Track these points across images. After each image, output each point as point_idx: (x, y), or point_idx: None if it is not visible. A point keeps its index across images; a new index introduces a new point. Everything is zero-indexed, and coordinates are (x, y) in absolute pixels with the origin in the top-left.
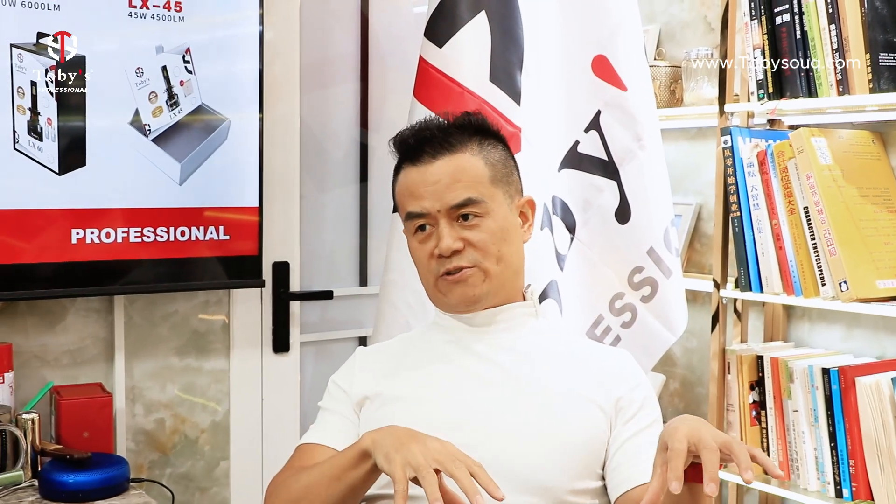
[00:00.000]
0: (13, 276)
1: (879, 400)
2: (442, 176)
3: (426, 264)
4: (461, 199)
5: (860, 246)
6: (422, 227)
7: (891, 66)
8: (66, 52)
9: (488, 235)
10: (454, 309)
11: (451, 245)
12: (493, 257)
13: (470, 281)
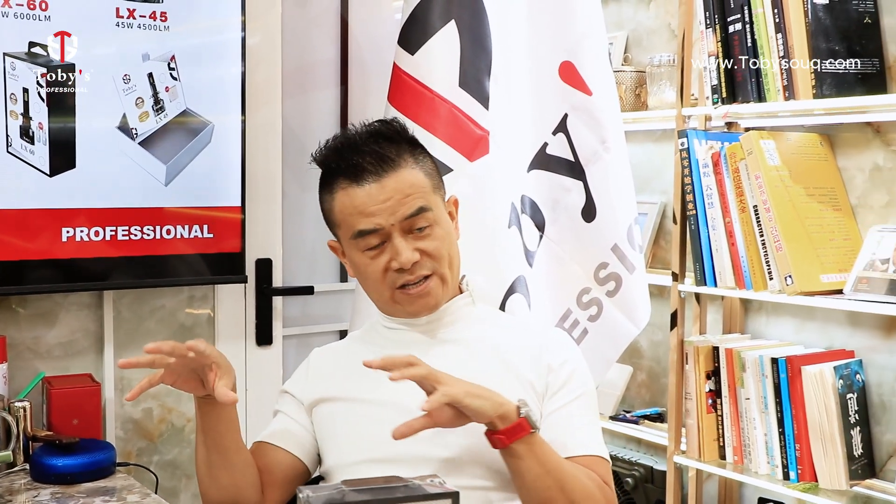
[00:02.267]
0: (7, 272)
1: (823, 387)
2: (392, 192)
3: (381, 278)
4: (414, 210)
5: (805, 242)
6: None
7: (833, 72)
8: (56, 60)
9: (440, 242)
10: (411, 316)
11: (410, 258)
12: (447, 263)
13: (432, 291)
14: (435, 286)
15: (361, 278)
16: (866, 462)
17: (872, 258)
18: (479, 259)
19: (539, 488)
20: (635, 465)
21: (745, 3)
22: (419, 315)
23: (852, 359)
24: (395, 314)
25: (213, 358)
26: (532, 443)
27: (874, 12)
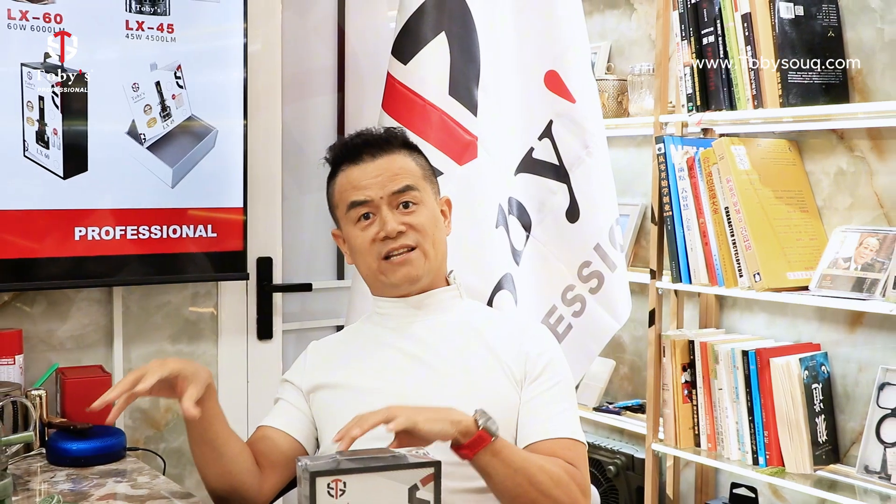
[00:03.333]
0: (23, 268)
1: (789, 378)
2: (383, 170)
3: (368, 249)
4: (402, 186)
5: (773, 241)
6: (364, 215)
7: (798, 83)
8: (70, 69)
9: (426, 220)
10: (395, 290)
11: (395, 227)
12: (430, 240)
13: (413, 262)
14: (416, 257)
15: (355, 255)
16: (830, 448)
17: (836, 257)
18: (468, 257)
19: (510, 486)
20: (617, 454)
21: (717, 16)
22: (401, 288)
23: (818, 351)
24: (381, 289)
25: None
26: (495, 450)
27: (837, 26)
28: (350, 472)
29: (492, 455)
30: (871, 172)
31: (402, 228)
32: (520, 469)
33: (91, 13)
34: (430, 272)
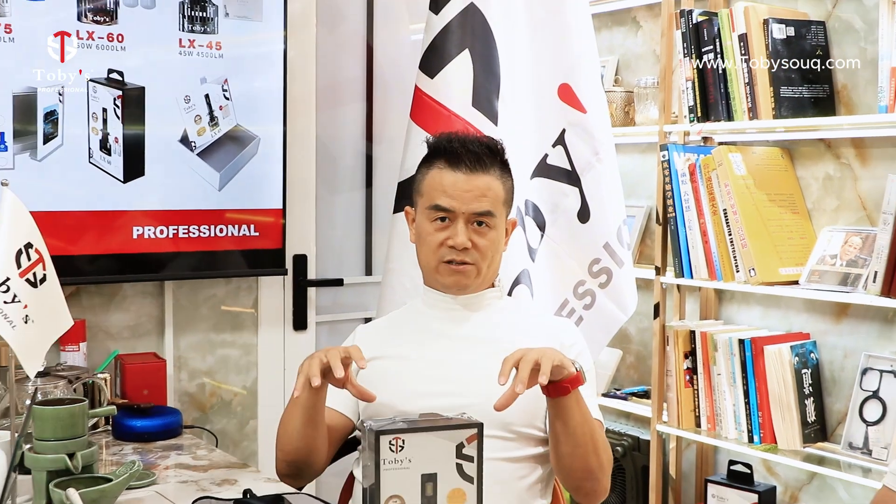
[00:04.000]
0: (85, 264)
1: (781, 364)
2: (474, 188)
3: (435, 248)
4: (484, 210)
5: (767, 240)
6: (442, 218)
7: (790, 97)
8: (130, 83)
9: (490, 243)
10: (445, 289)
11: (465, 242)
12: (488, 261)
13: (467, 274)
14: (471, 272)
15: (420, 243)
16: (819, 427)
17: (824, 254)
18: None
19: (578, 433)
20: (624, 436)
21: (716, 36)
22: (450, 289)
23: (807, 340)
24: (434, 283)
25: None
26: (579, 396)
27: (825, 45)
28: (407, 431)
29: (577, 397)
30: (856, 178)
31: (469, 245)
32: (589, 421)
33: (149, 32)
34: (480, 285)
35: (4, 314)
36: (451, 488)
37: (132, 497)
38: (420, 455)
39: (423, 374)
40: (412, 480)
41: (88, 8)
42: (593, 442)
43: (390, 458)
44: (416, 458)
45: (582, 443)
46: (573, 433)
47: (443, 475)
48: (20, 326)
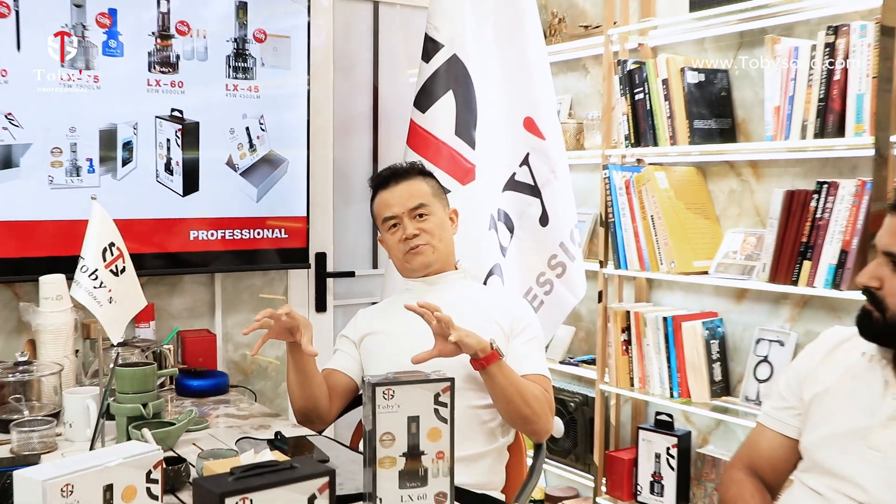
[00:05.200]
0: (156, 260)
1: (695, 336)
2: (403, 192)
3: (397, 247)
4: (416, 204)
5: (684, 239)
6: (393, 224)
7: (701, 128)
8: (187, 119)
9: (433, 225)
10: (415, 273)
11: (412, 231)
12: (437, 238)
13: (425, 252)
14: (426, 250)
15: (389, 251)
16: (723, 385)
17: (728, 250)
18: (469, 250)
19: (506, 393)
20: (576, 394)
21: (645, 80)
22: (418, 271)
23: (716, 317)
24: (410, 274)
25: (297, 320)
26: (500, 365)
27: (728, 88)
28: (396, 383)
29: (498, 369)
30: (752, 191)
31: (417, 232)
32: (513, 382)
33: (202, 80)
34: (439, 260)
35: (94, 296)
36: (430, 427)
37: (191, 437)
38: (406, 402)
39: (407, 344)
40: (400, 421)
41: (156, 61)
42: (522, 397)
43: (383, 405)
44: (403, 404)
45: (511, 399)
46: (501, 394)
47: (424, 417)
48: (105, 306)
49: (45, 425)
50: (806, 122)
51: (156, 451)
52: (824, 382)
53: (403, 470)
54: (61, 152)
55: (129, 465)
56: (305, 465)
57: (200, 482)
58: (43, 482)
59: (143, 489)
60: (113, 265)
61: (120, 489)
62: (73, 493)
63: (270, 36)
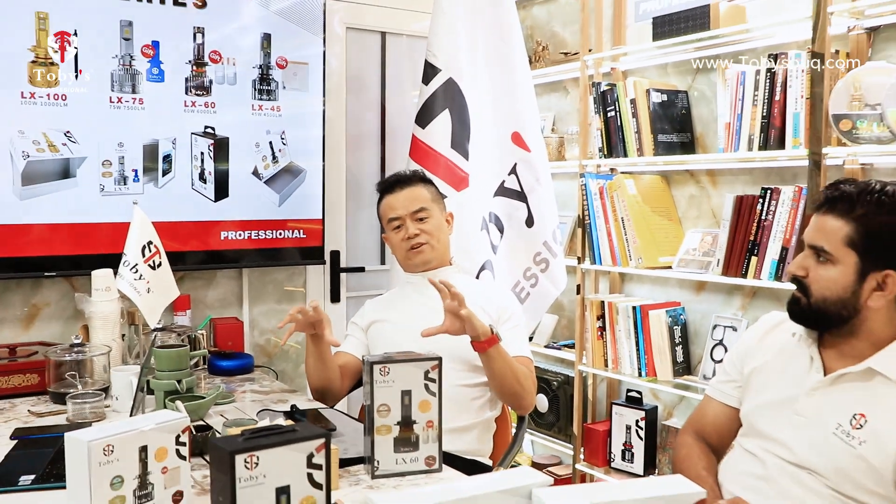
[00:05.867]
0: (192, 257)
1: (660, 323)
2: (407, 197)
3: (400, 244)
4: (417, 207)
5: (650, 238)
6: (397, 226)
7: (665, 141)
8: (219, 135)
9: (432, 227)
10: (416, 268)
11: (414, 231)
12: (435, 238)
13: (424, 251)
14: (426, 249)
15: (392, 247)
16: (685, 365)
17: (688, 248)
18: (463, 249)
19: (503, 373)
20: (559, 374)
21: (616, 100)
22: (419, 267)
23: (678, 306)
24: (408, 268)
25: (321, 315)
26: (499, 348)
27: (688, 107)
28: (391, 362)
29: (497, 351)
30: (709, 196)
31: (418, 232)
32: (508, 363)
33: (232, 100)
34: (436, 258)
35: (135, 287)
36: (421, 399)
37: (219, 409)
38: (400, 378)
39: (408, 330)
40: (395, 394)
41: (192, 86)
42: (514, 376)
43: (380, 380)
44: (397, 380)
45: (506, 378)
46: (497, 373)
47: (415, 391)
48: (144, 295)
49: (95, 398)
50: (752, 136)
51: (184, 418)
52: (761, 359)
53: (398, 437)
54: (111, 164)
55: (161, 429)
56: (305, 429)
57: (215, 441)
58: (88, 442)
59: (173, 450)
60: (151, 260)
61: (153, 450)
62: (114, 452)
63: (291, 63)
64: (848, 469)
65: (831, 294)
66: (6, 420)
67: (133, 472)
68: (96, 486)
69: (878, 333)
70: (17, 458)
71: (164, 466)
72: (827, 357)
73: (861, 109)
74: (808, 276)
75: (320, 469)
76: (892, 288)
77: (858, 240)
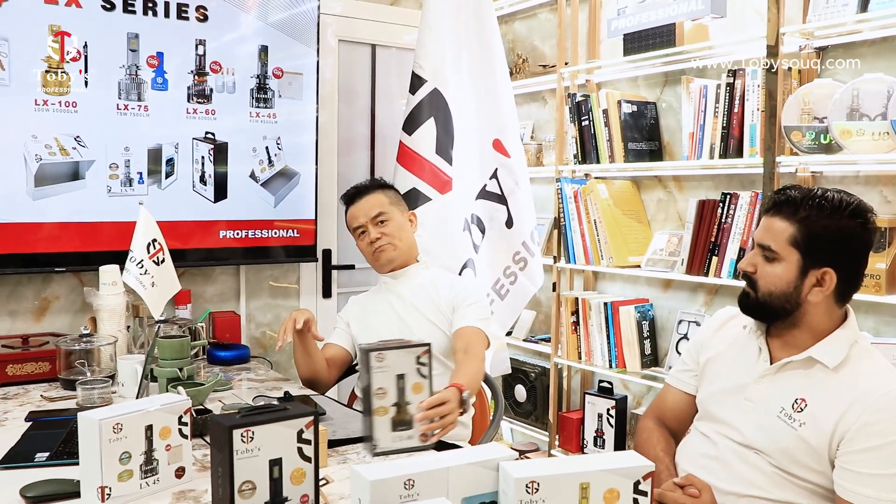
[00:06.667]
0: (193, 255)
1: (629, 318)
2: (365, 205)
3: (367, 249)
4: (376, 213)
5: (621, 239)
6: (361, 232)
7: (634, 149)
8: (218, 140)
9: (392, 228)
10: (384, 268)
11: (375, 235)
12: (397, 238)
13: (386, 250)
14: (388, 248)
15: (363, 253)
16: (652, 357)
17: (656, 248)
18: (447, 248)
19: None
20: (536, 366)
21: (590, 110)
22: (385, 266)
23: (647, 303)
24: (379, 269)
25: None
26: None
27: (656, 117)
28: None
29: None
30: (675, 200)
31: (379, 235)
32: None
33: (231, 107)
34: (401, 255)
35: (140, 281)
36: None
37: (218, 395)
38: (394, 363)
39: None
40: (390, 378)
41: (194, 94)
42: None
43: (376, 366)
44: (391, 366)
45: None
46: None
47: (409, 375)
48: (149, 288)
49: (103, 384)
50: (713, 145)
51: (185, 401)
52: (715, 350)
53: (394, 417)
54: (117, 167)
55: (165, 410)
56: (296, 408)
57: (214, 418)
58: (100, 421)
59: (176, 429)
60: (155, 256)
61: (158, 428)
62: (122, 430)
63: (286, 73)
64: (790, 448)
65: (776, 289)
66: (20, 404)
67: (140, 448)
68: (107, 461)
69: (818, 326)
70: (32, 437)
71: (168, 444)
72: (773, 347)
73: (810, 122)
74: (756, 272)
75: (309, 444)
76: (829, 284)
77: (801, 240)
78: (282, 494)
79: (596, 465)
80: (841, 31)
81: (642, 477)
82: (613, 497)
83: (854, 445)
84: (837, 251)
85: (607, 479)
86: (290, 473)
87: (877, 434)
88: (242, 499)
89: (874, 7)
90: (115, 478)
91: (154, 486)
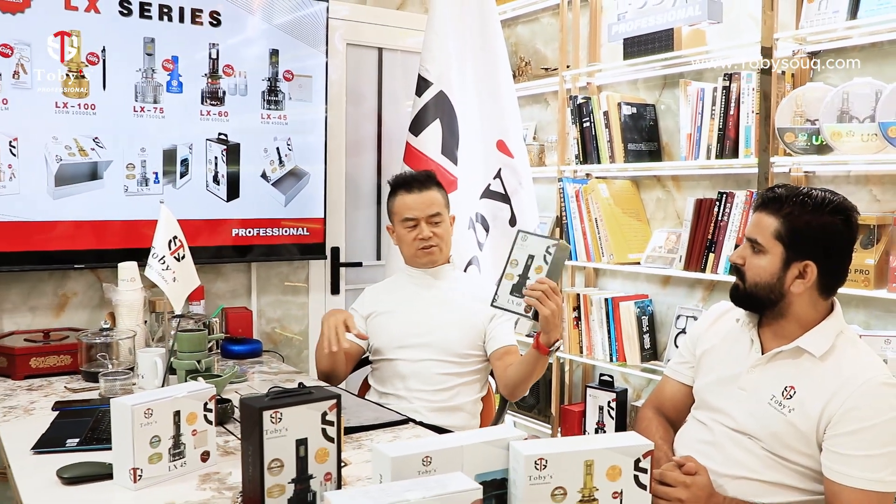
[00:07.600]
0: (206, 252)
1: (630, 313)
2: (425, 199)
3: (411, 242)
4: (434, 212)
5: (621, 236)
6: (413, 225)
7: (634, 149)
8: (231, 141)
9: (443, 231)
10: (422, 266)
11: (428, 234)
12: (445, 242)
13: (434, 253)
14: (436, 251)
15: (401, 243)
16: (652, 351)
17: (655, 245)
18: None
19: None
20: None
21: (591, 111)
22: (425, 266)
23: (646, 298)
24: (414, 265)
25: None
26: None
27: (655, 119)
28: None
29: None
30: (674, 199)
31: (431, 235)
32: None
33: (243, 110)
34: (442, 258)
35: (162, 276)
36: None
37: (234, 387)
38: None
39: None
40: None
41: (207, 96)
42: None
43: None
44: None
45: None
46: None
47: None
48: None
49: (124, 376)
50: (710, 146)
51: (210, 388)
52: (710, 342)
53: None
54: (134, 167)
55: (192, 397)
56: (320, 391)
57: (245, 400)
58: (132, 406)
59: (202, 415)
60: (176, 253)
61: (185, 414)
62: (153, 415)
63: (296, 76)
64: (780, 433)
65: (761, 280)
66: (46, 395)
67: (168, 432)
68: (138, 444)
69: (805, 317)
70: (61, 425)
71: (194, 429)
72: (764, 338)
73: (802, 124)
74: (744, 264)
75: (332, 425)
76: (810, 276)
77: (785, 234)
78: (307, 472)
79: (600, 444)
80: (832, 36)
81: (642, 455)
82: (616, 473)
83: (839, 429)
84: (818, 245)
85: (610, 456)
86: (314, 453)
87: (859, 419)
88: (271, 476)
89: (863, 14)
90: (146, 460)
91: (182, 469)
